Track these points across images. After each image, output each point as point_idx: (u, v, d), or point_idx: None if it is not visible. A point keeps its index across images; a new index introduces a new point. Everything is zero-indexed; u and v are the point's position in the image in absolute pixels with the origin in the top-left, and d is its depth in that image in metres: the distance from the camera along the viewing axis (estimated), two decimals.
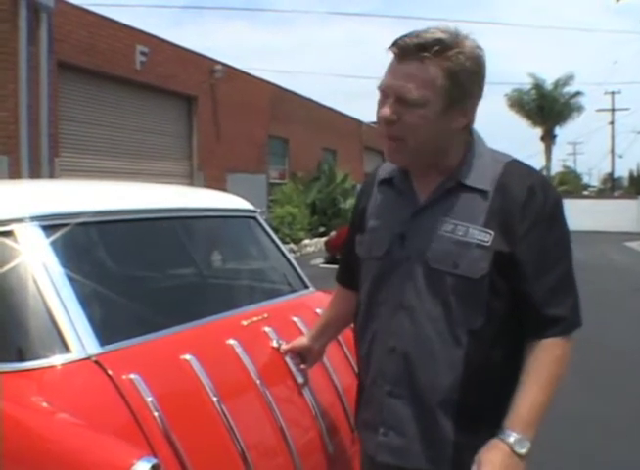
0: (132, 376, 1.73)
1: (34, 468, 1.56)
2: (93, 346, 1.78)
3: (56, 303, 1.81)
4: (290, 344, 2.15)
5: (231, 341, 2.08)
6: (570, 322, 1.55)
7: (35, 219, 1.94)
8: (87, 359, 1.75)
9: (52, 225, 1.97)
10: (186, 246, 2.88)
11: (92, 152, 11.91)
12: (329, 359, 2.27)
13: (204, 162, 15.32)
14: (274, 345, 2.18)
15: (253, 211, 2.92)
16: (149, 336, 1.97)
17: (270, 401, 2.02)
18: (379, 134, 1.60)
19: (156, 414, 1.70)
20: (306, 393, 2.16)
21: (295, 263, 2.90)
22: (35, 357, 1.76)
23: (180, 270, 2.96)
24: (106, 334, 1.84)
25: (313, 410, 2.15)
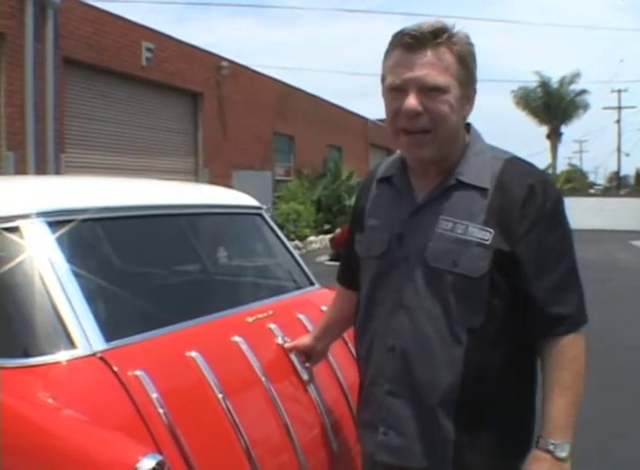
0: (137, 372, 1.73)
1: (39, 463, 1.57)
2: (98, 342, 1.78)
3: (61, 299, 1.81)
4: (292, 343, 2.15)
5: (236, 338, 2.08)
6: (575, 319, 1.54)
7: (41, 215, 1.94)
8: (93, 355, 1.75)
9: (58, 221, 1.97)
10: (191, 242, 2.88)
11: (98, 148, 11.94)
12: (334, 357, 2.27)
13: (209, 158, 15.32)
14: (279, 342, 2.18)
15: (259, 208, 2.91)
16: (154, 332, 1.97)
17: (275, 398, 2.01)
18: (394, 129, 1.56)
19: (161, 411, 1.70)
20: (311, 390, 2.16)
21: (300, 260, 2.89)
22: (41, 353, 1.77)
23: (186, 267, 2.97)
24: (111, 330, 1.84)
25: (318, 407, 2.14)
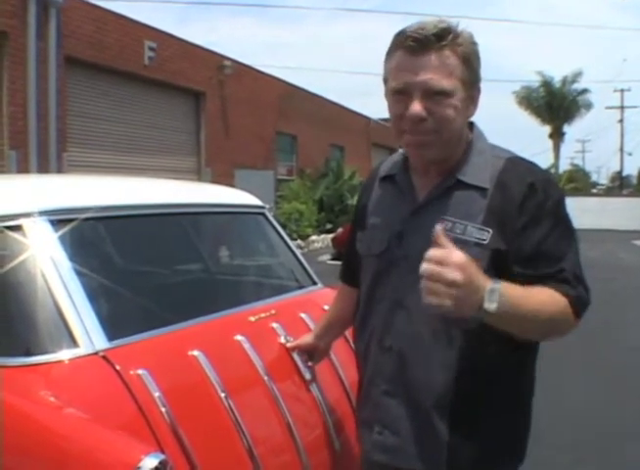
0: (140, 371, 1.73)
1: (41, 462, 1.57)
2: (101, 341, 1.78)
3: (64, 297, 1.81)
4: (295, 342, 2.15)
5: (239, 337, 2.08)
6: (582, 299, 1.47)
7: (44, 214, 1.94)
8: (95, 354, 1.75)
9: (60, 220, 1.97)
10: (194, 241, 2.88)
11: (100, 147, 11.95)
12: (336, 355, 2.26)
13: (211, 157, 15.33)
14: (281, 341, 2.18)
15: (262, 207, 2.91)
16: (157, 331, 1.97)
17: (277, 397, 2.01)
18: (399, 130, 1.55)
19: (163, 410, 1.70)
20: (313, 389, 2.16)
21: (302, 259, 2.89)
22: (43, 352, 1.77)
23: (188, 266, 2.97)
24: (113, 329, 1.84)
25: (320, 406, 2.14)
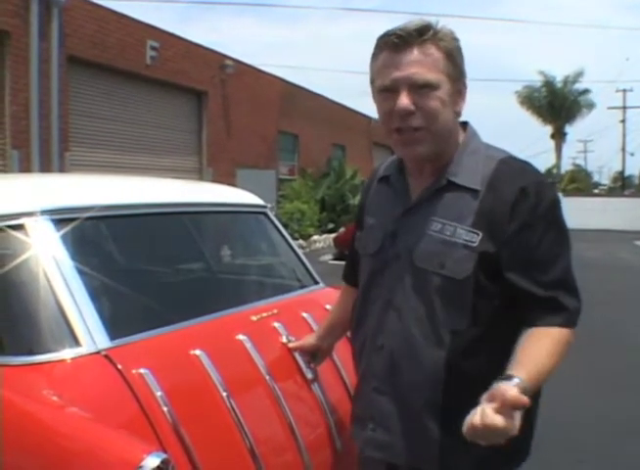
0: (142, 370, 1.73)
1: (44, 461, 1.57)
2: (103, 340, 1.78)
3: (66, 296, 1.81)
4: (297, 343, 2.15)
5: (241, 336, 2.08)
6: (572, 316, 1.49)
7: (46, 213, 1.94)
8: (97, 353, 1.75)
9: (62, 219, 1.97)
10: (196, 241, 2.87)
11: (102, 146, 11.95)
12: (338, 355, 2.26)
13: (213, 157, 15.33)
14: (283, 340, 2.18)
15: (264, 207, 2.91)
16: (158, 330, 1.97)
17: (279, 397, 2.01)
18: (388, 130, 1.57)
19: (165, 409, 1.70)
20: (315, 388, 2.16)
21: (304, 259, 2.89)
22: (45, 351, 1.76)
23: (190, 265, 2.96)
24: (116, 328, 1.84)
25: (322, 406, 2.14)
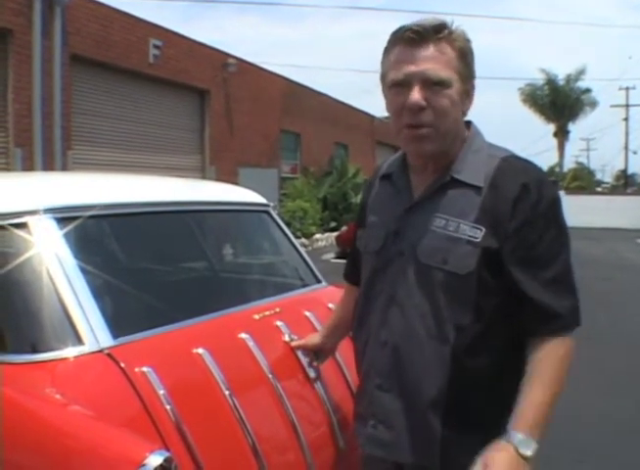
0: (145, 369, 1.74)
1: (47, 459, 1.57)
2: (106, 338, 1.79)
3: (69, 295, 1.81)
4: (301, 341, 2.16)
5: (243, 335, 2.08)
6: (567, 320, 1.52)
7: (49, 211, 1.94)
8: (100, 352, 1.76)
9: (65, 217, 1.97)
10: (198, 239, 2.88)
11: (105, 145, 11.96)
12: (341, 354, 2.26)
13: (216, 155, 15.33)
14: (286, 339, 2.18)
15: (266, 205, 2.91)
16: (161, 329, 1.97)
17: (282, 395, 2.01)
18: (398, 126, 1.57)
19: (168, 407, 1.70)
20: (318, 387, 2.16)
21: (307, 258, 2.89)
22: (48, 349, 1.77)
23: (192, 264, 2.97)
24: (118, 327, 1.85)
25: (325, 405, 2.14)
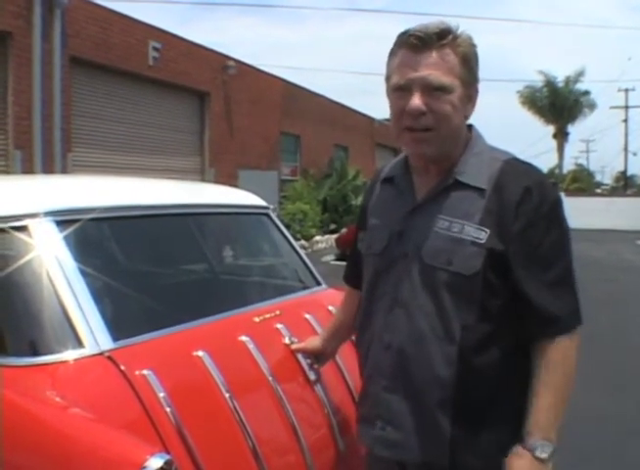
0: (145, 372, 1.74)
1: (47, 462, 1.57)
2: (106, 341, 1.79)
3: (69, 298, 1.82)
4: (302, 345, 2.16)
5: (243, 337, 2.08)
6: (569, 321, 1.54)
7: (49, 214, 1.94)
8: (100, 355, 1.76)
9: (65, 220, 1.97)
10: (198, 242, 2.88)
11: (104, 147, 11.96)
12: (341, 357, 2.26)
13: (215, 158, 15.33)
14: (286, 342, 2.18)
15: (266, 208, 2.91)
16: (161, 332, 1.97)
17: (282, 398, 2.01)
18: (399, 128, 1.58)
19: (168, 410, 1.70)
20: (318, 390, 2.16)
21: (307, 260, 2.89)
22: (49, 352, 1.77)
23: (192, 266, 2.97)
24: (118, 329, 1.85)
25: (325, 407, 2.14)
